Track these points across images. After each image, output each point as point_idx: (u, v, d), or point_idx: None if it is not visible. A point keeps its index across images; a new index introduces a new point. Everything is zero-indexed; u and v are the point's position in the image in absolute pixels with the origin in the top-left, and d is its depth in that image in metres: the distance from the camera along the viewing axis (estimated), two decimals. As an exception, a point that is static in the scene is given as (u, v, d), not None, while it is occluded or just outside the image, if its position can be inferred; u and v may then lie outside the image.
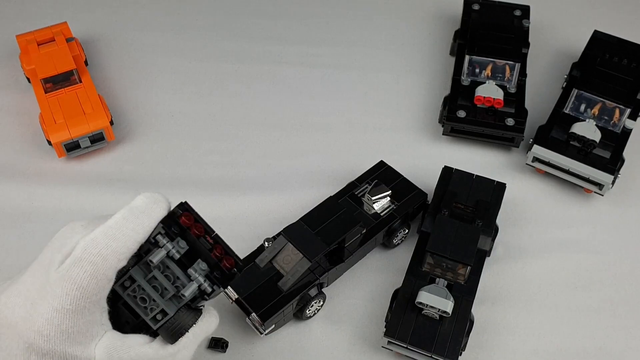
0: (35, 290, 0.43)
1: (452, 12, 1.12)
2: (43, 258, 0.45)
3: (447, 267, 0.74)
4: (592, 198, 0.89)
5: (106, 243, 0.44)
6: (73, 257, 0.43)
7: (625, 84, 0.90)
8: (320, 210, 0.77)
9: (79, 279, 0.43)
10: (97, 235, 0.45)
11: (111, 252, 0.44)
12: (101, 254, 0.44)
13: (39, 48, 0.94)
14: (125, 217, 0.46)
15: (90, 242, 0.44)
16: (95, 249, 0.44)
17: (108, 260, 0.44)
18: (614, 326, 0.77)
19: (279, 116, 0.98)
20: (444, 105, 0.94)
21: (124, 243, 0.45)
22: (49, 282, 0.43)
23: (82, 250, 0.44)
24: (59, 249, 0.45)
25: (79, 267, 0.43)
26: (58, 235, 0.46)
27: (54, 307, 0.42)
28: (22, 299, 0.43)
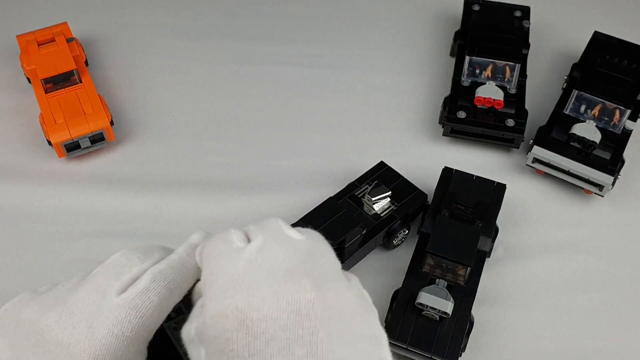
0: (90, 313, 0.43)
1: (452, 13, 1.12)
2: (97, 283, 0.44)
3: (447, 268, 0.74)
4: (592, 199, 0.89)
5: (173, 277, 0.45)
6: (141, 286, 0.43)
7: (626, 85, 0.90)
8: (320, 210, 0.77)
9: (144, 308, 0.43)
10: (165, 268, 0.45)
11: (176, 287, 0.45)
12: (168, 287, 0.44)
13: (39, 48, 0.94)
14: (189, 254, 0.47)
15: (159, 274, 0.44)
16: (163, 281, 0.44)
17: (173, 295, 0.45)
18: (614, 327, 0.77)
19: (279, 116, 0.98)
20: (444, 106, 0.94)
21: (186, 279, 0.46)
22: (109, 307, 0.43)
23: (151, 280, 0.44)
24: (116, 276, 0.44)
25: (146, 297, 0.43)
26: (112, 262, 0.46)
27: (113, 333, 0.42)
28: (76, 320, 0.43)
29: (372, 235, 0.79)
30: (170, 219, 0.86)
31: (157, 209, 0.87)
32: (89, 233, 0.84)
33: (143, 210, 0.86)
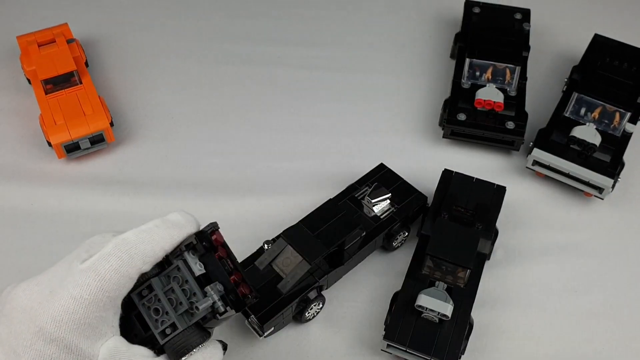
0: (56, 280, 0.45)
1: (452, 15, 1.12)
2: (68, 257, 0.47)
3: (447, 270, 0.74)
4: (592, 202, 0.89)
5: (136, 244, 0.46)
6: (102, 252, 0.45)
7: (626, 87, 0.90)
8: (320, 212, 0.77)
9: (103, 271, 0.44)
10: (128, 235, 0.47)
11: (139, 252, 0.46)
12: (129, 252, 0.46)
13: (39, 49, 0.94)
14: (158, 225, 0.48)
15: (120, 240, 0.46)
16: (125, 246, 0.46)
17: (134, 260, 0.46)
18: (614, 330, 0.77)
19: (279, 118, 0.98)
20: (444, 108, 0.94)
21: (152, 247, 0.47)
22: (71, 273, 0.44)
23: (112, 246, 0.45)
24: (87, 250, 0.47)
25: (106, 261, 0.45)
26: (88, 240, 0.48)
27: (72, 295, 0.43)
28: (42, 287, 0.45)
29: (371, 237, 0.79)
30: (169, 220, 0.86)
31: (157, 210, 0.86)
32: (88, 234, 0.83)
33: (142, 211, 0.86)
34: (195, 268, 0.50)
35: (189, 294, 0.49)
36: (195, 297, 0.49)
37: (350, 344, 0.75)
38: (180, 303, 0.49)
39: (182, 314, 0.49)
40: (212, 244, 0.51)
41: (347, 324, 0.77)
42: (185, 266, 0.49)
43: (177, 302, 0.49)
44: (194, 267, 0.50)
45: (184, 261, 0.50)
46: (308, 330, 0.76)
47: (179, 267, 0.49)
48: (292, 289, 0.72)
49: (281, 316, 0.72)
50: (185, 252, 0.50)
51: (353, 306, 0.79)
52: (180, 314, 0.49)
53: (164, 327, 0.49)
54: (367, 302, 0.79)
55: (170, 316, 0.49)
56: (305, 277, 0.73)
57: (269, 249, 0.75)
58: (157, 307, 0.49)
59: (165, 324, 0.49)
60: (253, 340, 0.75)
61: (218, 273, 0.50)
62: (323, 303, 0.77)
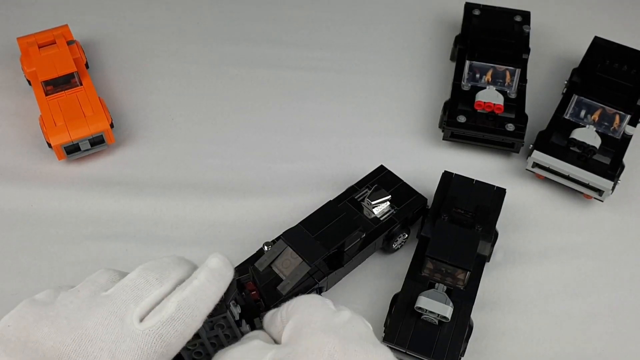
0: (111, 341, 0.42)
1: (452, 18, 1.12)
2: (114, 307, 0.44)
3: (447, 272, 0.74)
4: (591, 204, 0.89)
5: (196, 305, 0.45)
6: (166, 315, 0.44)
7: (626, 90, 0.90)
8: (320, 214, 0.77)
9: (169, 337, 0.43)
10: (189, 295, 0.45)
11: (199, 313, 0.46)
12: (192, 315, 0.45)
13: (39, 50, 0.94)
14: (210, 280, 0.47)
15: (183, 302, 0.45)
16: (188, 309, 0.45)
17: (196, 322, 0.45)
18: (614, 332, 0.77)
19: (279, 120, 0.98)
20: (444, 110, 0.94)
21: (208, 305, 0.46)
22: (131, 335, 0.43)
23: (177, 309, 0.44)
24: (135, 300, 0.44)
25: (172, 327, 0.44)
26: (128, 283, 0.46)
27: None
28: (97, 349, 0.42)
29: (371, 239, 0.79)
30: (169, 221, 0.86)
31: (157, 212, 0.86)
32: (88, 235, 0.84)
33: (142, 213, 0.86)
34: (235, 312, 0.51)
35: (230, 337, 0.51)
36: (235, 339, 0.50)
37: (350, 346, 0.75)
38: (222, 346, 0.50)
39: None
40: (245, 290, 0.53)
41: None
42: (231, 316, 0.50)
43: (220, 346, 0.50)
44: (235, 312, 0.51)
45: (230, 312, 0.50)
46: (308, 332, 0.76)
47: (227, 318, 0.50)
48: (292, 290, 0.72)
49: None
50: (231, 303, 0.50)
51: (353, 308, 0.76)
52: None
53: None
54: (366, 303, 0.79)
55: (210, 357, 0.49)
56: (305, 278, 0.73)
57: (269, 251, 0.75)
58: (200, 350, 0.50)
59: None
60: (253, 342, 0.75)
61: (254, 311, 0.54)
62: (323, 305, 0.77)
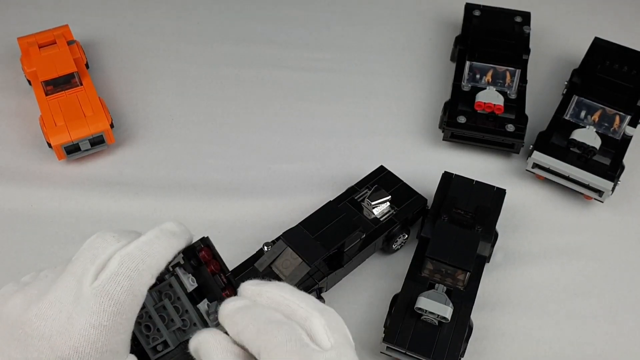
0: (69, 302, 0.43)
1: (452, 18, 1.12)
2: (75, 269, 0.44)
3: (447, 273, 0.74)
4: (591, 205, 0.89)
5: (142, 258, 0.44)
6: (109, 271, 0.43)
7: (626, 90, 0.90)
8: (320, 214, 0.77)
9: (116, 295, 0.43)
10: (133, 249, 0.44)
11: (146, 267, 0.44)
12: (137, 269, 0.44)
13: (40, 50, 0.94)
14: (158, 236, 0.46)
15: (126, 256, 0.44)
16: (132, 263, 0.44)
17: (143, 276, 0.44)
18: (614, 333, 0.77)
19: (279, 120, 0.98)
20: (444, 110, 0.94)
21: (156, 260, 0.45)
22: (84, 296, 0.42)
23: (119, 264, 0.43)
24: (92, 260, 0.44)
25: (116, 282, 0.43)
26: (88, 244, 0.46)
27: (91, 324, 0.42)
28: (56, 311, 0.42)
29: (371, 240, 0.79)
30: (169, 222, 0.86)
31: (157, 212, 0.86)
32: (88, 236, 0.83)
33: (142, 213, 0.86)
34: (187, 283, 0.49)
35: (180, 311, 0.49)
36: (187, 315, 0.48)
37: (350, 346, 0.75)
38: (172, 320, 0.48)
39: (174, 331, 0.48)
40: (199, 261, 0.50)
41: (346, 326, 0.77)
42: (177, 282, 0.48)
43: (169, 319, 0.48)
44: (186, 283, 0.49)
45: (176, 277, 0.48)
46: (307, 333, 0.76)
47: (170, 284, 0.48)
48: (292, 291, 0.72)
49: (281, 318, 0.72)
50: (177, 268, 0.49)
51: (352, 308, 0.78)
52: (173, 331, 0.48)
53: (155, 344, 0.48)
54: (366, 304, 0.79)
55: (161, 333, 0.48)
56: (305, 279, 0.73)
57: (269, 251, 0.75)
58: (148, 323, 0.48)
59: (156, 340, 0.48)
60: (252, 342, 0.75)
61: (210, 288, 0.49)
62: (322, 305, 0.77)
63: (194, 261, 0.50)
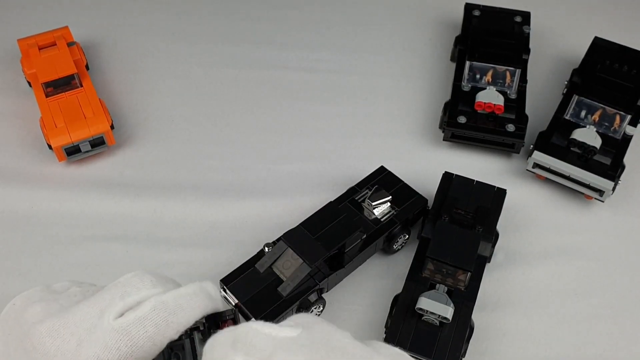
0: (84, 329, 0.41)
1: (452, 18, 1.12)
2: (101, 299, 0.43)
3: (447, 273, 0.74)
4: (592, 204, 0.89)
5: (175, 311, 0.43)
6: (139, 313, 0.42)
7: (626, 90, 0.90)
8: (321, 215, 0.77)
9: (137, 338, 0.41)
10: (169, 299, 0.43)
11: (176, 321, 0.43)
12: (166, 320, 0.42)
13: (40, 52, 0.95)
14: (197, 293, 0.45)
15: (160, 304, 0.42)
16: (164, 312, 0.42)
17: (170, 328, 0.42)
18: (615, 333, 0.77)
19: (280, 121, 0.98)
20: (445, 111, 0.94)
21: (187, 316, 0.43)
22: (102, 328, 0.41)
23: (151, 309, 0.42)
24: (122, 296, 0.43)
25: (142, 326, 0.41)
26: (124, 279, 0.44)
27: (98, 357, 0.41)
28: (68, 334, 0.41)
29: (372, 240, 0.79)
30: (170, 223, 0.86)
31: (157, 213, 0.87)
32: (88, 237, 0.84)
33: (143, 214, 0.86)
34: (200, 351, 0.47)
35: None
36: None
37: (351, 347, 0.75)
38: None
39: None
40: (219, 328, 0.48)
41: (347, 326, 0.76)
42: (190, 347, 0.46)
43: None
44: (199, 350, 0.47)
45: (191, 340, 0.46)
46: (308, 333, 0.76)
47: (183, 346, 0.46)
48: (293, 291, 0.72)
49: (282, 319, 0.72)
50: (195, 332, 0.47)
51: (353, 309, 0.78)
52: None
53: None
54: (367, 304, 0.79)
55: None
56: (306, 279, 0.73)
57: (270, 252, 0.75)
58: None
59: None
60: (253, 343, 0.75)
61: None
62: (323, 306, 0.77)
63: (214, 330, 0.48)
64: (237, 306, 0.73)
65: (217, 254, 0.82)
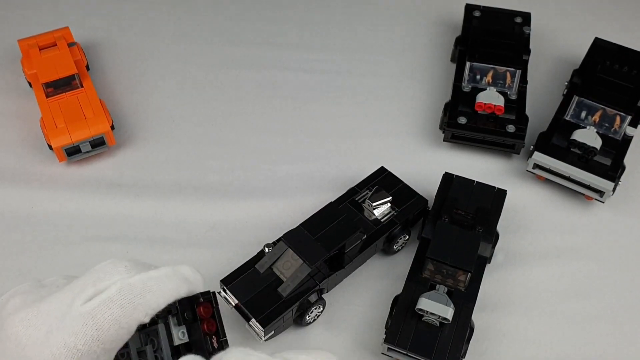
0: (55, 317, 0.41)
1: (453, 19, 1.12)
2: (75, 286, 0.42)
3: (448, 274, 0.74)
4: (592, 205, 0.89)
5: (142, 292, 0.41)
6: (104, 296, 0.41)
7: (626, 91, 0.90)
8: (321, 216, 0.77)
9: (102, 320, 0.40)
10: (136, 281, 0.42)
11: (143, 302, 0.41)
12: (133, 302, 0.41)
13: (40, 53, 0.95)
14: (168, 276, 0.43)
15: (127, 286, 0.41)
16: (129, 294, 0.41)
17: (137, 311, 0.41)
18: (615, 333, 0.77)
19: (280, 122, 0.98)
20: (445, 111, 0.94)
21: (157, 299, 0.42)
22: (70, 314, 0.40)
23: (117, 291, 0.41)
24: (94, 282, 0.42)
25: (107, 308, 0.40)
26: (98, 267, 0.43)
27: (65, 343, 0.40)
28: (40, 322, 0.41)
29: (372, 241, 0.79)
30: (170, 223, 0.86)
31: (158, 214, 0.87)
32: (89, 237, 0.84)
33: (143, 215, 0.86)
34: (176, 335, 0.45)
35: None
36: None
37: (351, 348, 0.75)
38: None
39: None
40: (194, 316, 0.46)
41: (347, 327, 0.77)
42: (165, 332, 0.45)
43: None
44: (175, 334, 0.45)
45: (166, 325, 0.45)
46: (309, 334, 0.76)
47: (157, 331, 0.45)
48: (293, 292, 0.72)
49: (282, 319, 0.72)
50: (170, 316, 0.45)
51: (354, 309, 0.78)
52: None
53: None
54: (367, 305, 0.79)
55: None
56: (306, 280, 0.73)
57: (270, 252, 0.75)
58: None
59: None
60: (253, 344, 0.75)
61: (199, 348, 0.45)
62: (324, 306, 0.77)
63: (188, 314, 0.46)
64: (237, 307, 0.73)
65: (217, 255, 0.82)
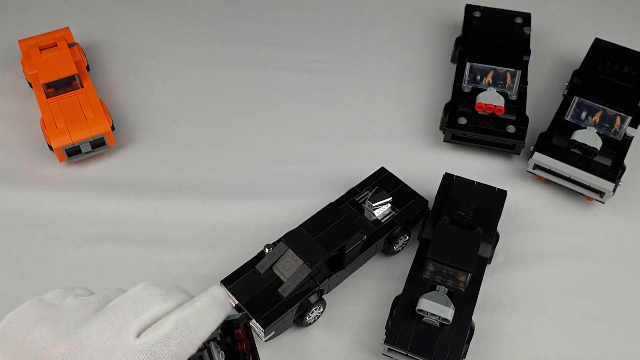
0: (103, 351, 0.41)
1: (453, 19, 1.12)
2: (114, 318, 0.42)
3: (448, 274, 0.74)
4: (593, 206, 0.89)
5: (196, 327, 0.43)
6: (162, 333, 0.42)
7: (626, 91, 0.90)
8: (321, 216, 0.77)
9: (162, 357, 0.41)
10: (189, 317, 0.43)
11: (197, 337, 0.43)
12: (189, 338, 0.42)
13: (41, 53, 0.95)
14: (211, 306, 0.45)
15: (182, 322, 0.42)
16: (186, 331, 0.42)
17: (192, 346, 0.43)
18: (615, 334, 0.77)
19: (280, 122, 0.98)
20: (445, 112, 0.94)
21: (206, 331, 0.44)
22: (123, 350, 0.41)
23: (174, 328, 0.42)
24: (135, 313, 0.43)
25: (166, 345, 0.41)
26: (132, 294, 0.44)
27: None
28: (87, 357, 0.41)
29: (372, 241, 0.79)
30: (170, 224, 0.86)
31: (158, 214, 0.87)
32: (89, 238, 0.84)
33: (143, 215, 0.86)
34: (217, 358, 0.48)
35: None
36: None
37: (351, 348, 0.75)
38: None
39: None
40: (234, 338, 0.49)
41: (348, 327, 0.77)
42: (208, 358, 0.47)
43: None
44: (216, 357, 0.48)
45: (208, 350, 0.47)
46: (309, 334, 0.76)
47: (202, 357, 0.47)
48: (293, 292, 0.72)
49: (282, 320, 0.72)
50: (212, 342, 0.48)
51: (354, 310, 0.78)
52: None
53: None
54: (368, 306, 0.79)
55: None
56: (306, 280, 0.73)
57: (270, 253, 0.75)
58: None
59: None
60: (254, 344, 0.75)
61: None
62: (324, 307, 0.77)
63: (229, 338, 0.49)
64: (238, 307, 0.73)
65: (217, 255, 0.82)
